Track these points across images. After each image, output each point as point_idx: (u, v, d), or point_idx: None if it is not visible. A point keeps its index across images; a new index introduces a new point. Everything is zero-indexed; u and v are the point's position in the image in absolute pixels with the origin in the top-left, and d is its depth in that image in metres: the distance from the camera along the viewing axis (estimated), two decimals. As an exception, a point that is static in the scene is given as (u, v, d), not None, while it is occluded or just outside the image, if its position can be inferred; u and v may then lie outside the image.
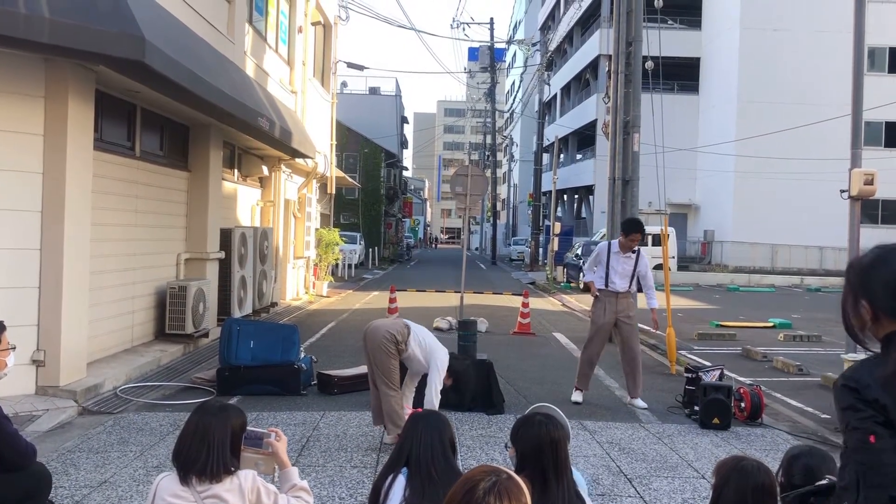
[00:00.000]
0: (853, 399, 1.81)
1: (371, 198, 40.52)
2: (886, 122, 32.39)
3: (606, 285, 7.91)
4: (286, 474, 2.85)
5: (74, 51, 6.41)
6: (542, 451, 2.67)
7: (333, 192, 21.63)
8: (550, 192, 35.15)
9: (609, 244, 8.15)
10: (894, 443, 1.76)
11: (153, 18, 7.19)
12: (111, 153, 8.61)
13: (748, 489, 2.43)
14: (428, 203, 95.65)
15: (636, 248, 7.98)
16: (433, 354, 5.97)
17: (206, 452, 2.61)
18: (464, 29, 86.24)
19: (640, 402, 7.80)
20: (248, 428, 2.84)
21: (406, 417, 5.36)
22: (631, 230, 7.99)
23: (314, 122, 17.37)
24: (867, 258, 1.94)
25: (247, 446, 2.81)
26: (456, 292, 14.58)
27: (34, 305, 7.02)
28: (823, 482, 2.47)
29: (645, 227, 8.39)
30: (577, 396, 7.90)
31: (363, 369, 8.41)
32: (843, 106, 12.12)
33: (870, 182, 9.26)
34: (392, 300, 14.18)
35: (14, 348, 3.80)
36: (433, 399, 5.84)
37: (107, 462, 5.40)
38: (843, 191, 9.75)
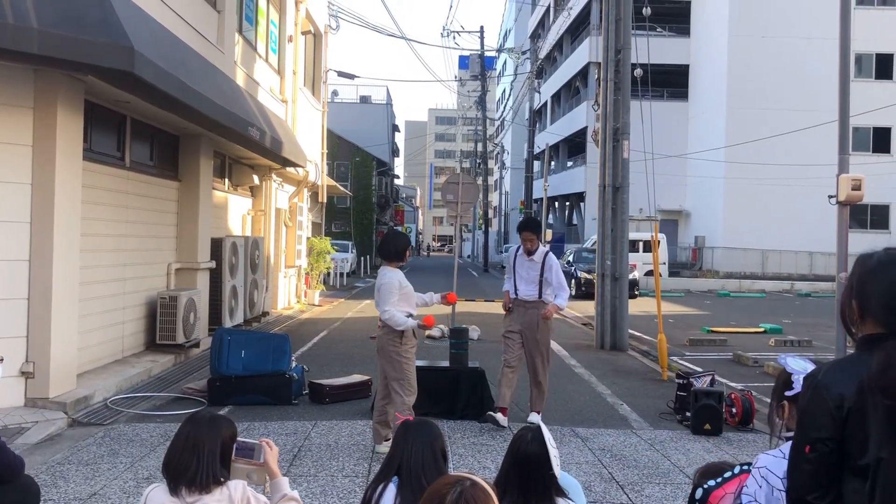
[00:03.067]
0: (820, 412, 1.85)
1: (362, 206, 40.52)
2: (874, 128, 32.64)
3: (516, 294, 7.11)
4: (276, 484, 2.84)
5: (63, 61, 6.40)
6: (511, 466, 2.67)
7: (325, 200, 21.61)
8: (542, 199, 35.26)
9: (518, 248, 7.25)
10: (828, 460, 1.81)
11: (142, 29, 7.18)
12: (101, 163, 8.59)
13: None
14: (420, 211, 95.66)
15: (545, 251, 7.14)
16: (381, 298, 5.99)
17: (195, 463, 2.60)
18: (454, 38, 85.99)
19: (535, 418, 6.97)
20: (239, 439, 2.83)
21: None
22: (521, 228, 7.14)
23: (305, 131, 17.37)
24: (872, 261, 1.96)
25: (238, 457, 2.80)
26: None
27: (23, 317, 6.97)
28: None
29: (541, 225, 7.38)
30: (499, 417, 6.89)
31: (355, 378, 8.43)
32: (830, 112, 12.19)
33: (857, 187, 9.32)
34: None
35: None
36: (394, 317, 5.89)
37: (97, 474, 5.37)
38: (831, 196, 9.81)
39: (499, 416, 6.87)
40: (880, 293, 1.88)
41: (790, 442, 2.24)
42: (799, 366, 2.27)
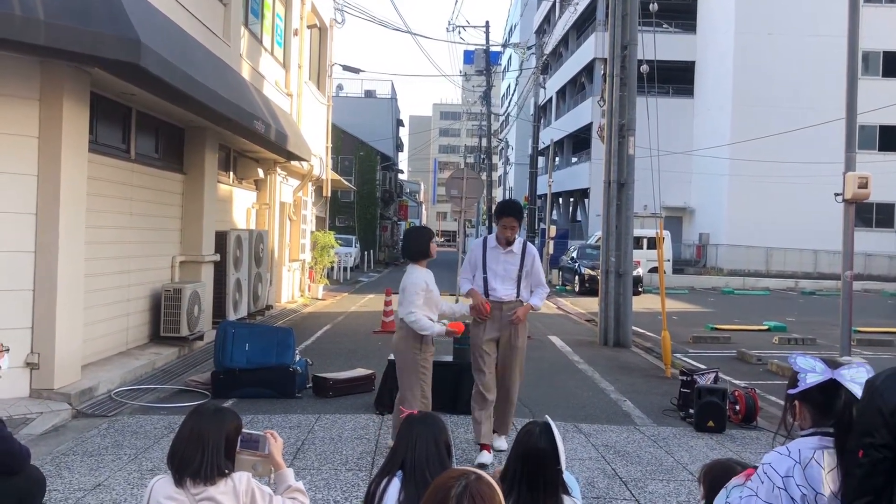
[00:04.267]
0: (871, 416, 1.82)
1: (366, 201, 40.52)
2: (881, 126, 32.52)
3: (486, 294, 5.88)
4: (281, 476, 2.86)
5: (70, 53, 6.39)
6: (518, 461, 2.66)
7: (329, 194, 21.63)
8: (546, 195, 35.22)
9: (485, 239, 6.08)
10: (881, 466, 1.78)
11: (148, 21, 7.18)
12: (106, 155, 8.60)
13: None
14: (423, 206, 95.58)
15: (522, 241, 6.01)
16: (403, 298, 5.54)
17: (200, 455, 2.61)
18: (459, 32, 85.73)
19: (501, 442, 5.95)
20: (244, 430, 2.85)
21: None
22: (502, 213, 5.88)
23: (310, 125, 17.36)
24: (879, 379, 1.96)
25: (242, 449, 2.81)
26: (451, 295, 14.59)
27: (28, 308, 6.99)
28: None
29: (524, 210, 5.96)
30: (483, 457, 5.67)
31: (358, 372, 8.46)
32: (837, 109, 12.17)
33: (864, 185, 9.31)
34: (388, 303, 14.16)
35: (7, 350, 3.79)
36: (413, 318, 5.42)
37: (101, 465, 5.38)
38: (837, 194, 9.80)
39: (483, 454, 5.72)
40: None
41: (797, 440, 2.22)
42: (807, 364, 2.25)
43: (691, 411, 7.15)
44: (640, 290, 22.46)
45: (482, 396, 5.83)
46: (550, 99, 49.55)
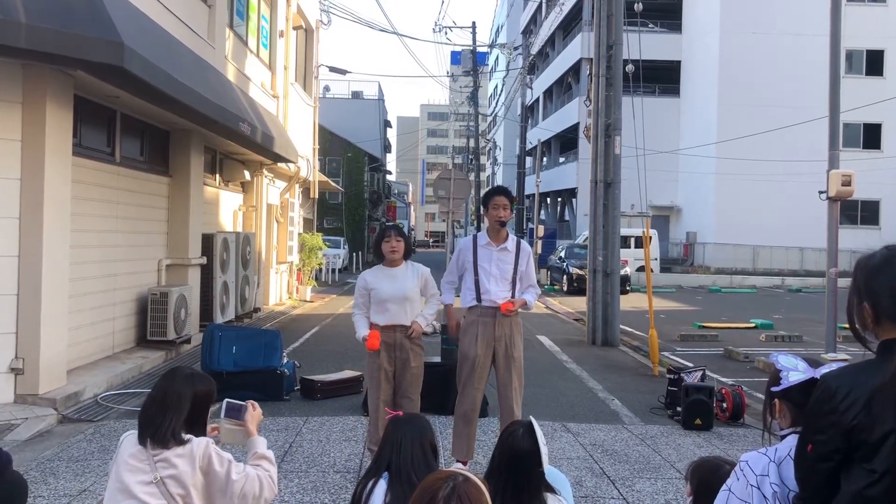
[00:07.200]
0: (824, 416, 1.82)
1: (354, 202, 40.45)
2: (864, 124, 32.75)
3: (479, 298, 5.27)
4: (252, 442, 2.93)
5: (52, 56, 6.35)
6: (502, 462, 2.66)
7: (316, 196, 21.57)
8: (534, 195, 35.30)
9: (475, 236, 5.46)
10: (826, 462, 1.78)
11: (132, 23, 7.14)
12: (91, 159, 8.55)
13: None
14: (412, 207, 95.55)
15: (516, 240, 5.44)
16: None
17: (161, 418, 2.66)
18: (446, 33, 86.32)
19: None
20: (228, 400, 2.97)
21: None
22: (491, 193, 5.38)
23: (296, 127, 17.32)
24: (875, 259, 1.90)
25: (227, 418, 2.86)
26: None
27: (12, 313, 6.94)
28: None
29: (512, 195, 5.55)
30: (456, 466, 5.07)
31: (346, 374, 8.44)
32: (822, 108, 12.25)
33: (848, 183, 9.38)
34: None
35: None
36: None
37: (87, 470, 5.35)
38: (821, 192, 9.87)
39: (457, 465, 5.21)
40: (892, 289, 1.83)
41: (781, 442, 2.23)
42: (789, 363, 2.26)
43: (679, 409, 7.18)
44: (627, 288, 22.53)
45: (466, 416, 5.33)
46: (537, 99, 49.64)
